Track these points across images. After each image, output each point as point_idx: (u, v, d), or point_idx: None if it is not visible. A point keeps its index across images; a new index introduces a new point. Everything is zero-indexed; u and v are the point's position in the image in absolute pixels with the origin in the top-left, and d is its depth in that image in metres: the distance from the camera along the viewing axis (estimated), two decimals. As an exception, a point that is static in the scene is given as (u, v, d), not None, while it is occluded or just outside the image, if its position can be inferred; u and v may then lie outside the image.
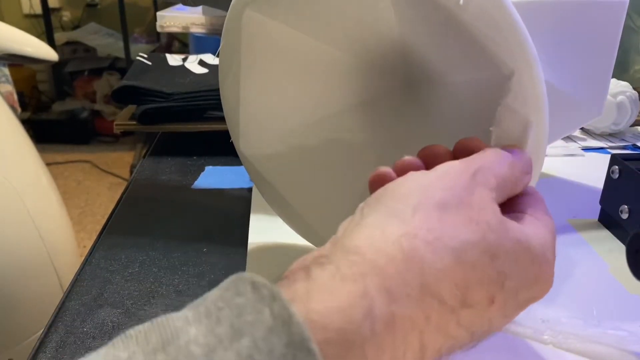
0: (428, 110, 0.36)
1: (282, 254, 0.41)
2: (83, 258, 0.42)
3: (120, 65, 2.84)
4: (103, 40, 2.89)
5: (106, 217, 0.49)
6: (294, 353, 0.15)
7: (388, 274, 0.18)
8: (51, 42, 2.63)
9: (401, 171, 0.24)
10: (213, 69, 0.74)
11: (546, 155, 0.60)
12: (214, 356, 0.15)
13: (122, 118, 0.65)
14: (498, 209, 0.23)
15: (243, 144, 0.40)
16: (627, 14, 0.41)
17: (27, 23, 2.91)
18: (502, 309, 0.22)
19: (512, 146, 0.26)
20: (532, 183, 0.29)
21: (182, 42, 2.87)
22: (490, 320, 0.22)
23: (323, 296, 0.17)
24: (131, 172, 2.39)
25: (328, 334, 0.16)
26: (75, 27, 3.04)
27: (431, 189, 0.22)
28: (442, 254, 0.20)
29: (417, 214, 0.21)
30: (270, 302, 0.16)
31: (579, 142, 0.64)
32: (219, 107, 0.65)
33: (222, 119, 0.66)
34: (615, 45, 0.43)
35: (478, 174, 0.23)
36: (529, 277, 0.23)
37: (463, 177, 0.23)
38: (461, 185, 0.22)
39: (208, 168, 0.58)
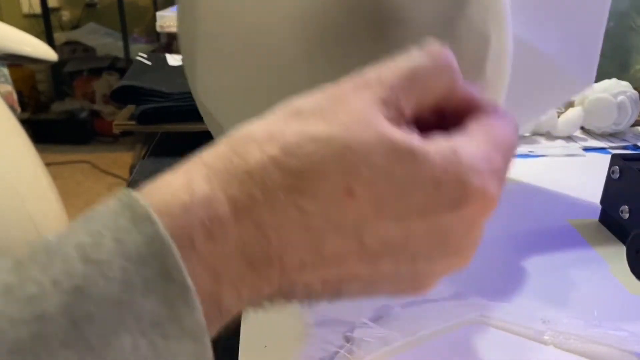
0: (393, 50, 0.34)
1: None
2: (82, 258, 0.42)
3: (120, 65, 2.84)
4: (102, 40, 2.89)
5: (105, 217, 0.48)
6: (138, 225, 0.17)
7: (210, 164, 0.20)
8: (50, 41, 2.63)
9: None
10: (213, 68, 0.74)
11: (546, 155, 0.60)
12: (66, 239, 0.17)
13: (121, 118, 0.65)
14: (374, 110, 0.20)
15: (200, 89, 0.38)
16: (628, 14, 0.41)
17: (26, 23, 2.91)
18: (375, 206, 0.19)
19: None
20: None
21: (181, 42, 2.87)
22: (363, 218, 0.20)
23: (158, 184, 0.20)
24: (131, 172, 2.39)
25: (158, 207, 0.18)
26: (75, 27, 3.04)
27: (298, 99, 0.21)
28: (268, 147, 0.19)
29: (265, 121, 0.21)
30: (120, 196, 0.18)
31: (579, 142, 0.64)
32: (218, 107, 0.65)
33: (221, 119, 0.66)
34: (607, 3, 0.39)
35: (363, 82, 0.21)
36: (416, 178, 0.20)
37: (341, 87, 0.21)
38: (331, 95, 0.21)
39: (208, 168, 0.58)
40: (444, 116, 0.24)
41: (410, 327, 0.32)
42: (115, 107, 2.73)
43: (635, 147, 0.63)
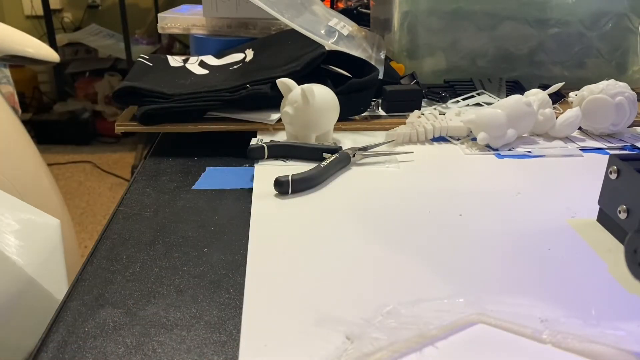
0: None
1: (282, 254, 0.41)
2: (84, 258, 0.42)
3: (122, 67, 2.85)
4: (104, 42, 2.90)
5: (107, 217, 0.49)
6: None
7: None
8: (52, 43, 2.64)
9: None
10: (213, 70, 0.75)
11: (545, 156, 0.60)
12: None
13: (123, 119, 0.65)
14: None
15: None
16: (626, 16, 0.41)
17: (29, 24, 2.92)
18: None
19: None
20: None
21: (182, 44, 2.88)
22: None
23: None
24: (132, 172, 2.40)
25: None
26: (77, 28, 3.04)
27: None
28: None
29: None
30: None
31: (577, 142, 0.64)
32: (219, 108, 0.65)
33: (222, 120, 0.66)
34: None
35: None
36: None
37: None
38: None
39: (209, 169, 0.58)
40: None
41: (410, 326, 0.33)
42: (117, 108, 2.73)
43: (633, 147, 0.63)
